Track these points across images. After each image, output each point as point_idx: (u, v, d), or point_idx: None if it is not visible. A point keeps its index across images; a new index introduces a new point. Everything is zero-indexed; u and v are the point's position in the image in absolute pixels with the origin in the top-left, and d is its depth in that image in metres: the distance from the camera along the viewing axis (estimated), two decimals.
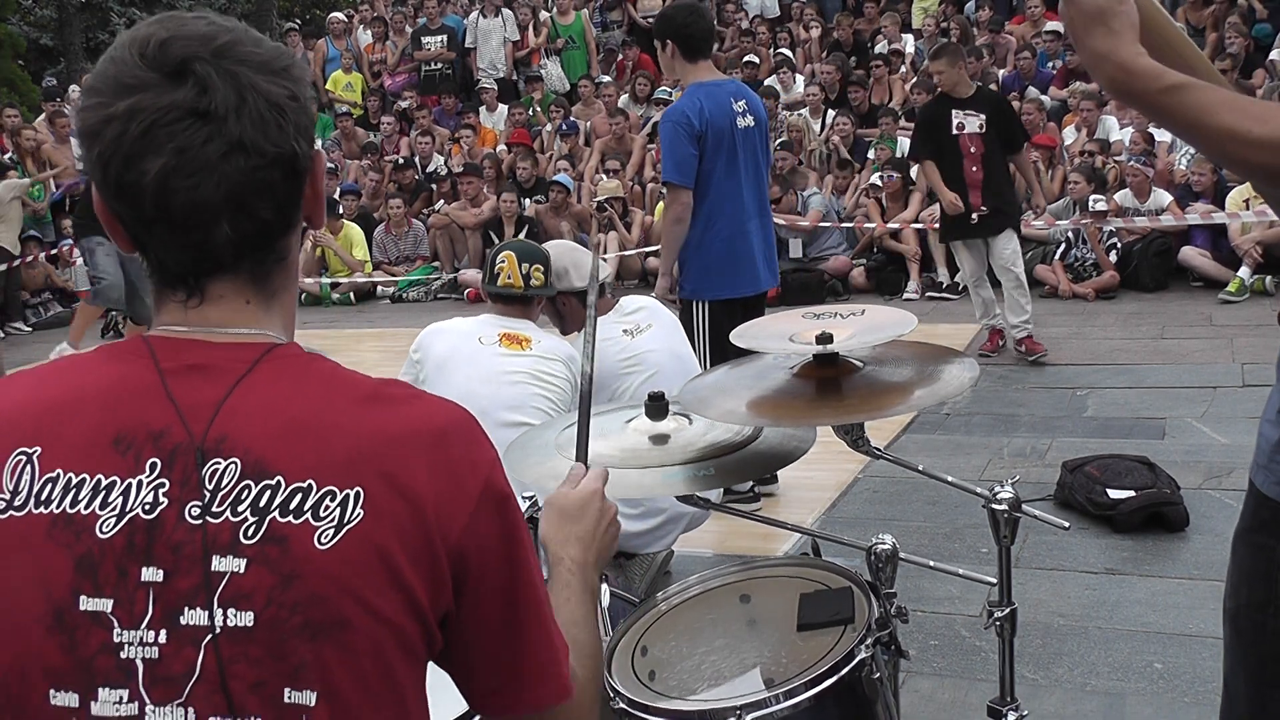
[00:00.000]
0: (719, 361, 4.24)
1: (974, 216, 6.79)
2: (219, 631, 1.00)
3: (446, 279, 11.21)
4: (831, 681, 1.78)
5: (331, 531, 1.02)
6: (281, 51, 1.11)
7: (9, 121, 12.24)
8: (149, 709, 1.00)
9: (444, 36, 13.91)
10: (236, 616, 1.00)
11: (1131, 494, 4.32)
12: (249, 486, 1.03)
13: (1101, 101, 10.20)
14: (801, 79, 12.24)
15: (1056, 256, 8.96)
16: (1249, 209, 8.44)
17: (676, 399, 2.17)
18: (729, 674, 1.88)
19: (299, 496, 1.03)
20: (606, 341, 3.86)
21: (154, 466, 1.04)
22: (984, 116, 6.81)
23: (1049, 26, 11.72)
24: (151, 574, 1.01)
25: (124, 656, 1.00)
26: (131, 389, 1.07)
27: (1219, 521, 4.26)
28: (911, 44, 12.61)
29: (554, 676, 1.16)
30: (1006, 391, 6.40)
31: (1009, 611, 2.14)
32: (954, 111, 6.84)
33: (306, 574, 1.01)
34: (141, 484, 1.03)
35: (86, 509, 1.02)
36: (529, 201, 11.15)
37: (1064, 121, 10.55)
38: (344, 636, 1.02)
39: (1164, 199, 8.95)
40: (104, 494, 1.03)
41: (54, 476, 1.04)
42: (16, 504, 1.03)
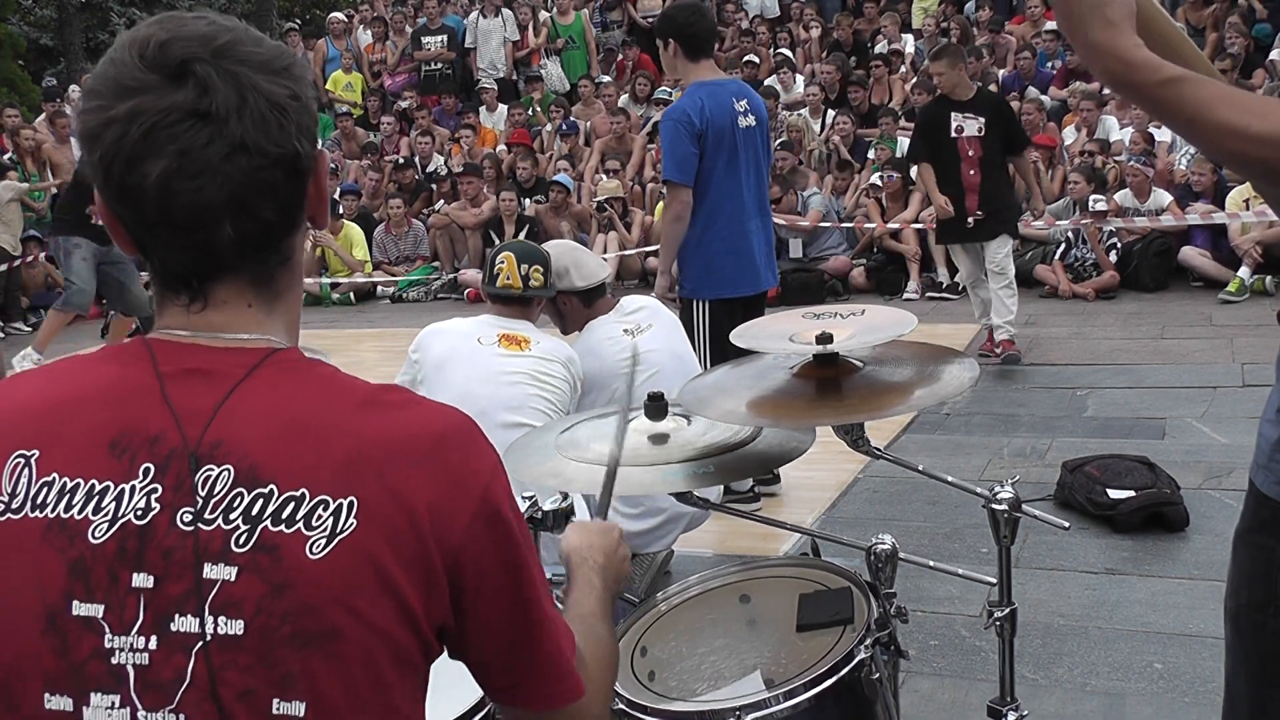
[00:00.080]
0: (719, 361, 4.25)
1: (970, 220, 6.78)
2: (209, 639, 1.00)
3: (446, 279, 11.21)
4: (831, 682, 1.78)
5: (324, 541, 1.02)
6: (282, 51, 1.10)
7: (9, 121, 12.24)
8: (140, 715, 1.00)
9: (444, 36, 13.92)
10: (227, 624, 1.00)
11: (1131, 494, 4.32)
12: (242, 494, 1.03)
13: (1101, 101, 10.21)
14: (801, 79, 12.24)
15: (1056, 256, 8.96)
16: (1249, 209, 8.44)
17: (676, 399, 2.17)
18: (729, 674, 1.89)
19: (291, 505, 1.03)
20: (607, 341, 3.86)
21: (147, 472, 1.03)
22: (983, 119, 6.78)
23: (1049, 26, 11.73)
24: (142, 580, 1.01)
25: (115, 662, 1.00)
26: (130, 391, 1.07)
27: (1219, 521, 4.26)
28: (911, 44, 12.61)
29: (566, 675, 1.17)
30: (1006, 391, 6.40)
31: (1009, 611, 2.14)
32: (953, 114, 6.82)
33: (297, 583, 1.01)
34: (135, 489, 1.03)
35: (80, 514, 1.02)
36: (529, 201, 11.15)
37: (1064, 121, 10.55)
38: (334, 646, 1.01)
39: (1164, 199, 8.95)
40: (98, 499, 1.03)
41: (50, 480, 1.04)
42: (14, 507, 1.03)
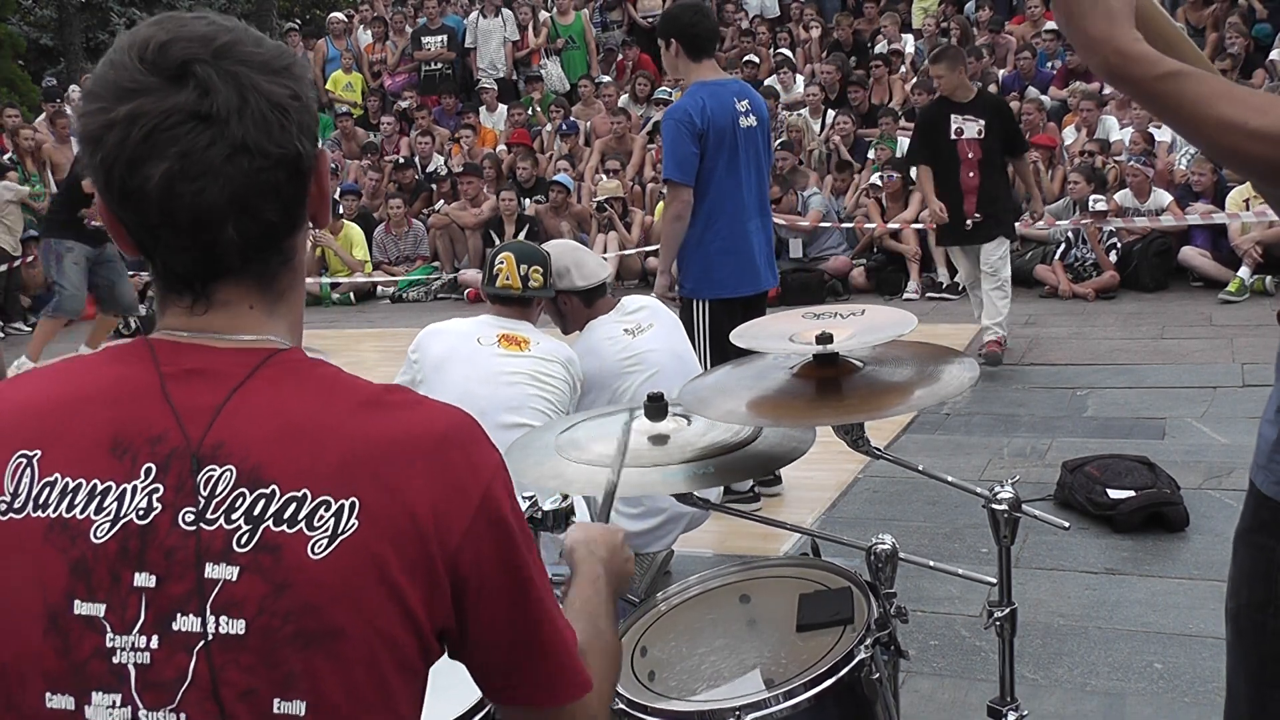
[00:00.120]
0: (719, 360, 4.25)
1: (968, 223, 6.78)
2: (211, 638, 1.00)
3: (446, 279, 11.21)
4: (831, 682, 1.78)
5: (325, 541, 1.02)
6: (282, 50, 1.10)
7: (9, 121, 12.24)
8: (141, 714, 1.00)
9: (444, 36, 13.92)
10: (228, 624, 1.00)
11: (1131, 494, 4.32)
12: (244, 494, 1.03)
13: (1101, 101, 10.21)
14: (801, 79, 12.24)
15: (1056, 256, 8.95)
16: (1249, 209, 8.44)
17: (677, 399, 2.17)
18: (729, 674, 1.88)
19: (293, 506, 1.02)
20: (607, 340, 3.86)
21: (149, 471, 1.03)
22: (983, 122, 6.77)
23: (1049, 26, 11.72)
24: (144, 579, 1.01)
25: (116, 661, 1.00)
26: (132, 392, 1.07)
27: (1219, 521, 4.26)
28: (911, 44, 12.61)
29: (571, 672, 1.16)
30: (1006, 391, 6.39)
31: (1009, 611, 2.14)
32: (953, 116, 6.81)
33: (299, 583, 1.01)
34: (137, 489, 1.03)
35: (82, 514, 1.02)
36: (529, 201, 11.16)
37: (1064, 121, 10.55)
38: (336, 646, 1.01)
39: (1164, 199, 8.95)
40: (99, 499, 1.03)
41: (52, 480, 1.04)
42: (16, 506, 1.03)
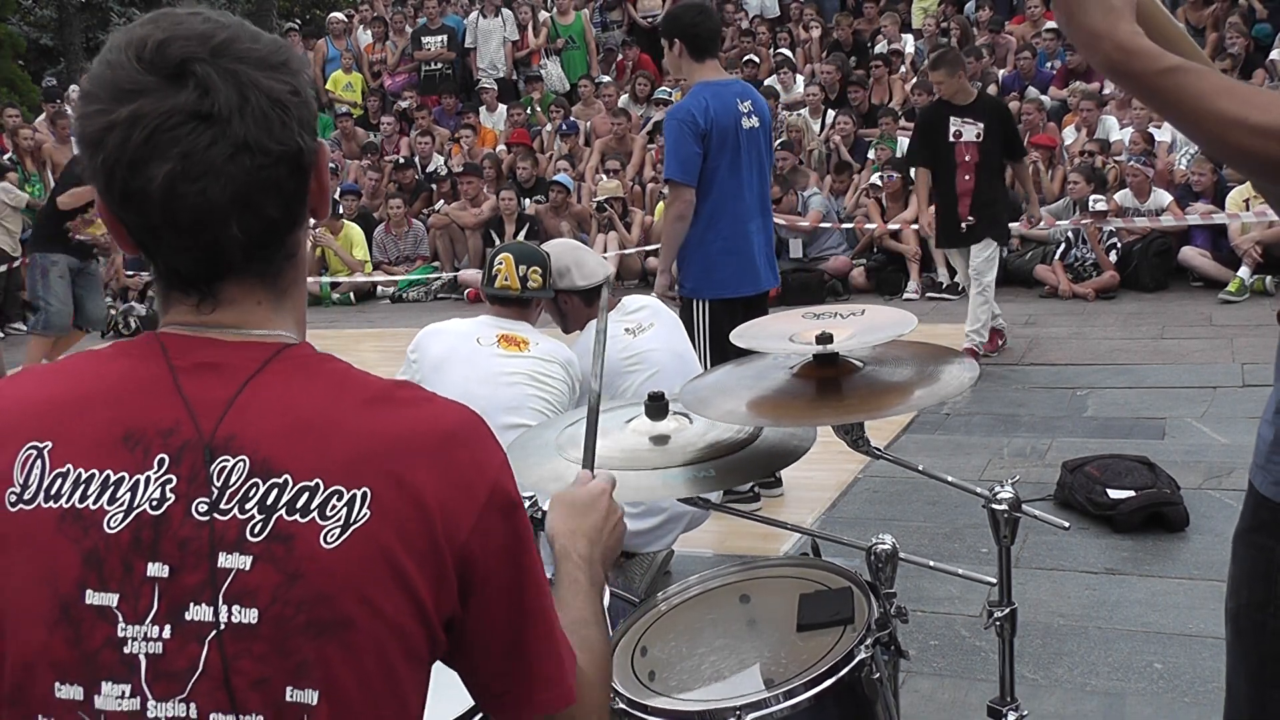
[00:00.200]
0: (719, 360, 4.25)
1: (962, 226, 6.82)
2: (223, 628, 1.00)
3: (446, 279, 11.21)
4: (831, 682, 1.78)
5: (338, 531, 1.02)
6: (279, 45, 1.10)
7: (9, 121, 12.24)
8: (150, 704, 1.01)
9: (444, 36, 13.92)
10: (241, 613, 1.00)
11: (1131, 494, 4.32)
12: (257, 484, 1.03)
13: (1101, 101, 10.21)
14: (801, 79, 12.25)
15: (1056, 256, 8.96)
16: (1249, 209, 8.44)
17: (677, 398, 2.17)
18: (729, 674, 1.88)
19: (306, 495, 1.03)
20: (609, 340, 3.85)
21: (162, 463, 1.04)
22: (982, 125, 6.77)
23: (1049, 26, 11.72)
24: (157, 569, 1.01)
25: (128, 651, 1.01)
26: (143, 385, 1.07)
27: (1219, 521, 4.26)
28: (911, 44, 12.61)
29: (559, 682, 1.16)
30: (1006, 391, 6.40)
31: (1009, 611, 2.14)
32: (952, 118, 6.82)
33: (312, 572, 1.01)
34: (149, 480, 1.03)
35: (95, 504, 1.03)
36: (529, 201, 11.16)
37: (1064, 121, 10.55)
38: (347, 636, 1.02)
39: (1164, 199, 8.95)
40: (112, 489, 1.03)
41: (64, 472, 1.04)
42: (27, 498, 1.04)
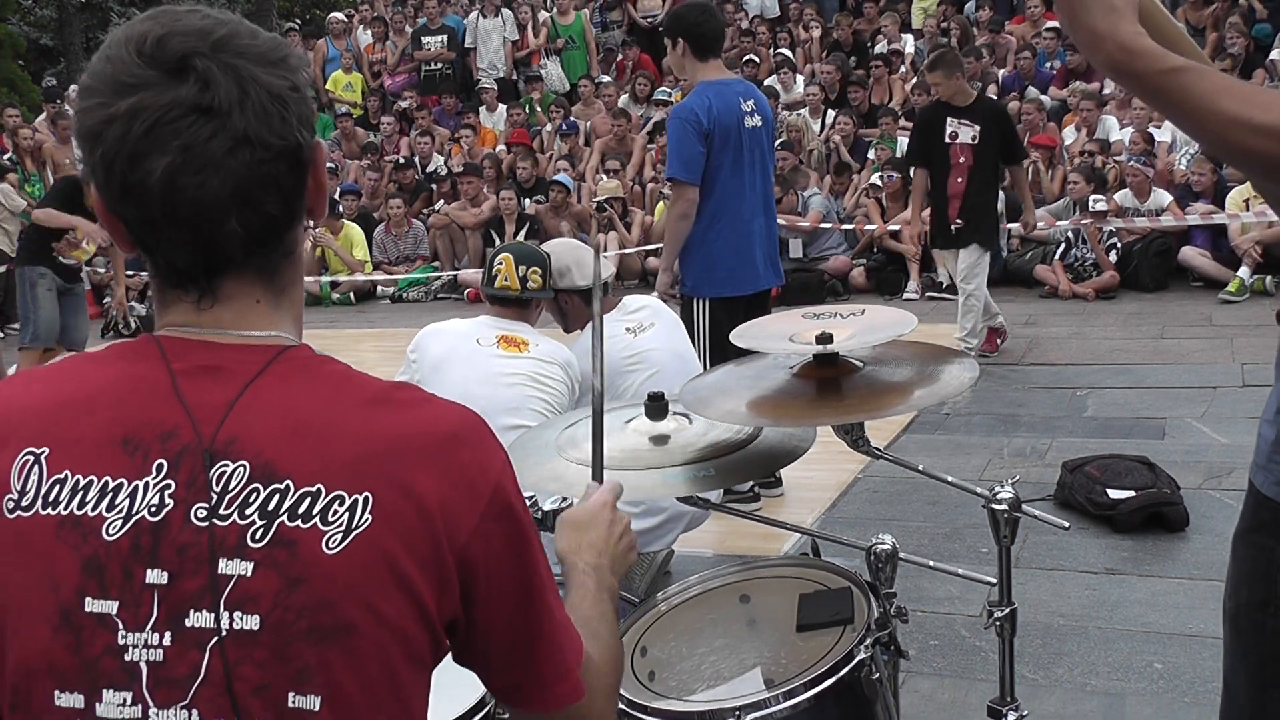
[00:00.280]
0: (719, 360, 4.25)
1: (951, 228, 6.83)
2: (225, 634, 1.00)
3: (446, 279, 11.21)
4: (831, 682, 1.78)
5: (340, 536, 1.02)
6: (278, 42, 1.10)
7: (9, 121, 12.25)
8: (152, 711, 1.00)
9: (444, 36, 13.92)
10: (242, 620, 1.00)
11: (1131, 494, 4.32)
12: (258, 490, 1.03)
13: (1101, 101, 10.20)
14: (801, 79, 12.24)
15: (1056, 256, 8.96)
16: (1249, 209, 8.44)
17: (677, 398, 2.17)
18: (729, 674, 1.88)
19: (308, 501, 1.02)
20: (609, 340, 3.85)
21: (160, 468, 1.03)
22: (979, 127, 6.77)
23: (1049, 26, 11.72)
24: (157, 576, 1.01)
25: (128, 659, 1.00)
26: (142, 389, 1.06)
27: (1219, 521, 4.26)
28: (911, 44, 12.61)
29: (566, 677, 1.16)
30: (1006, 391, 6.40)
31: (1009, 611, 2.14)
32: (949, 119, 6.81)
33: (314, 578, 1.01)
34: (148, 485, 1.03)
35: (94, 511, 1.02)
36: (529, 201, 11.16)
37: (1064, 121, 10.55)
38: (350, 641, 1.01)
39: (1164, 199, 8.95)
40: (111, 496, 1.02)
41: (62, 478, 1.03)
42: (25, 504, 1.03)
